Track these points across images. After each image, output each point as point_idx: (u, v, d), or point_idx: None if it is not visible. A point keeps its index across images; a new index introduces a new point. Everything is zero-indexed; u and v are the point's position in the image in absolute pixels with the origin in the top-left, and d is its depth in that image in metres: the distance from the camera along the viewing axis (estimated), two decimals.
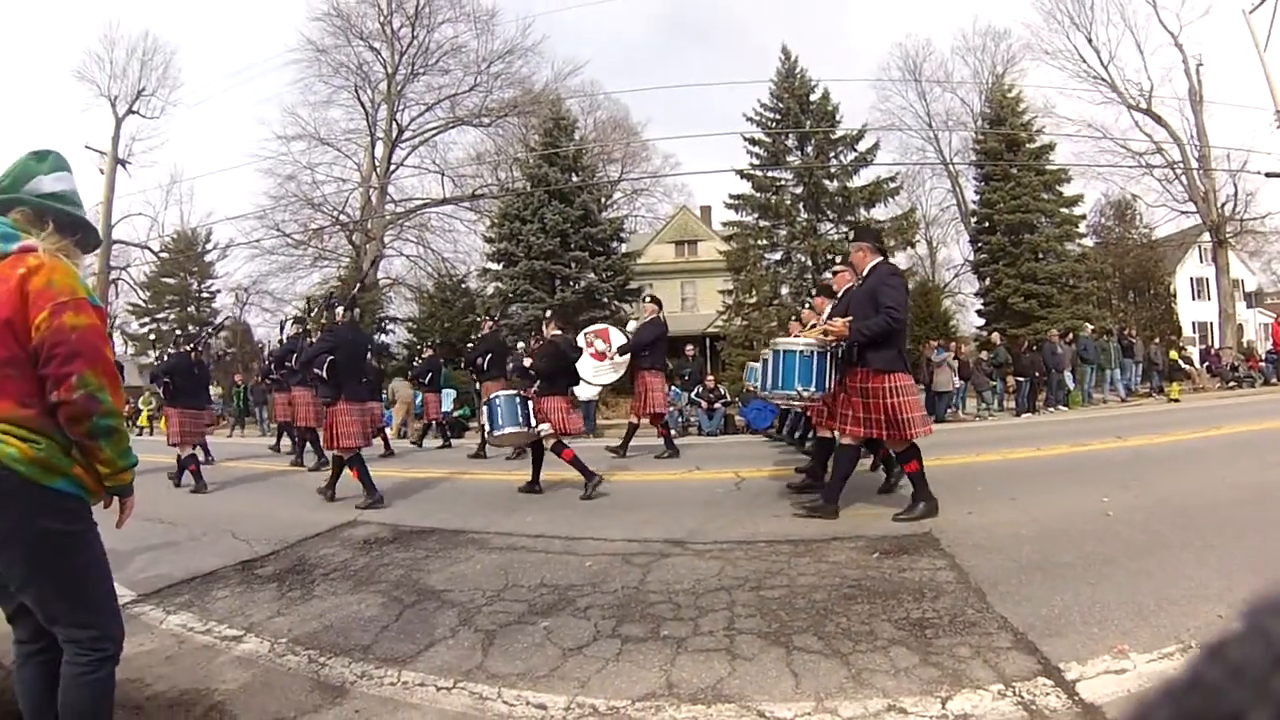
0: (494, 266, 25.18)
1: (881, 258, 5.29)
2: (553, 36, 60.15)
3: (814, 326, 6.15)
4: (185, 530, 6.09)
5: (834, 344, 5.19)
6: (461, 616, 3.63)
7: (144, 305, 33.66)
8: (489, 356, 10.51)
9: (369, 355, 9.98)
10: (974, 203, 27.70)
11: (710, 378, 15.14)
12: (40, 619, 2.08)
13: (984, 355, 15.29)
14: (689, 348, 16.53)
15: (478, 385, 11.16)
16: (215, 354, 27.26)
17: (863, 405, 5.03)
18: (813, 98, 23.43)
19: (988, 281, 26.00)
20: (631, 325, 10.59)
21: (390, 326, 28.03)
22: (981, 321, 26.56)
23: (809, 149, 23.50)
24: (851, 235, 5.88)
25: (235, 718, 2.78)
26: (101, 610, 2.12)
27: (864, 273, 5.33)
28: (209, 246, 33.92)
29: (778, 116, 23.71)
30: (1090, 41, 27.74)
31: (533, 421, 6.89)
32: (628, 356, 7.76)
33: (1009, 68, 30.52)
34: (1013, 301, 24.08)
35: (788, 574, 3.92)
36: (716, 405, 14.22)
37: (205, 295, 34.38)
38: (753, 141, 23.80)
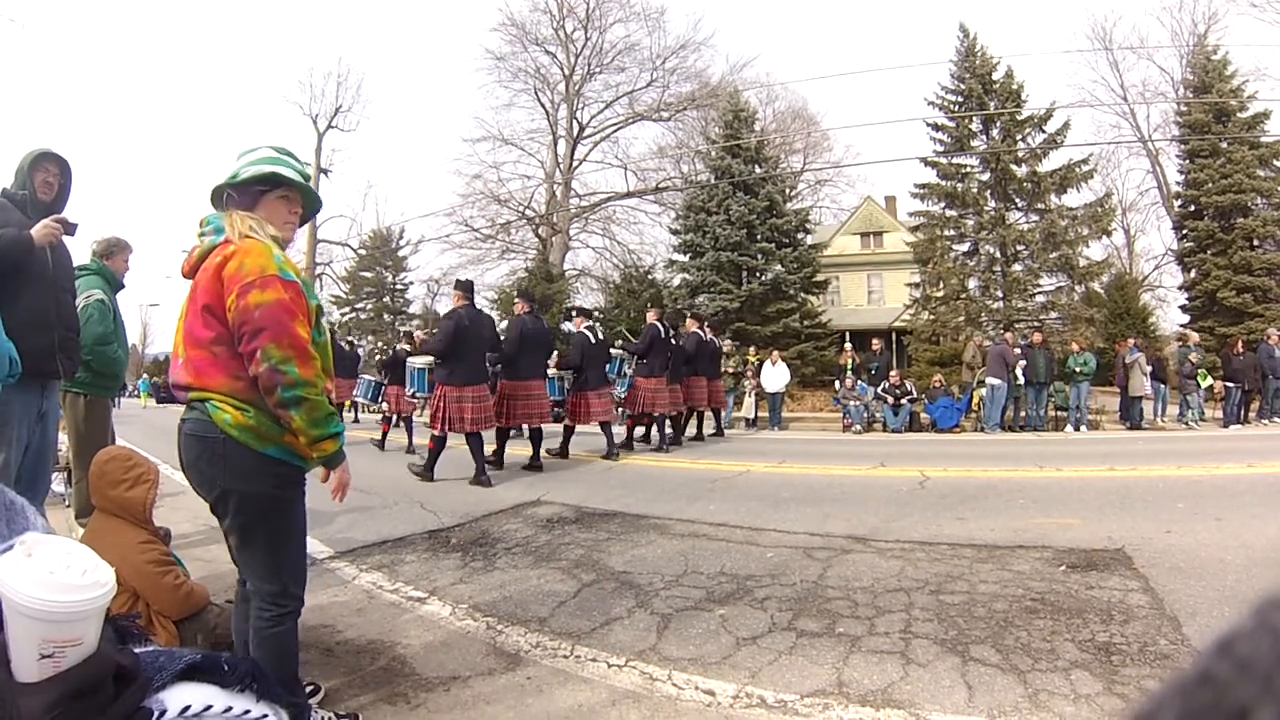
0: (680, 258, 25.29)
1: (464, 304, 7.49)
2: (724, 30, 59.88)
3: None
4: (379, 498, 6.71)
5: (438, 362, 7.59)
6: (639, 598, 3.78)
7: (345, 296, 37.47)
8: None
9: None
10: (1177, 184, 24.76)
11: (895, 373, 14.66)
12: (239, 566, 2.37)
13: (1192, 359, 13.83)
14: (875, 342, 16.22)
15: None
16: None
17: None
18: (995, 76, 21.93)
19: (1193, 273, 23.06)
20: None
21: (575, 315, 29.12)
22: (1186, 319, 23.52)
23: (994, 132, 22.05)
24: (454, 284, 8.04)
25: (415, 670, 3.00)
26: (289, 570, 2.33)
27: None
28: (402, 242, 37.19)
29: (960, 99, 22.43)
30: None
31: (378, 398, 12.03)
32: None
33: (1211, 25, 26.89)
34: (1223, 296, 21.39)
35: (969, 580, 3.84)
36: (903, 401, 13.78)
37: (399, 287, 37.63)
38: (936, 127, 22.68)
